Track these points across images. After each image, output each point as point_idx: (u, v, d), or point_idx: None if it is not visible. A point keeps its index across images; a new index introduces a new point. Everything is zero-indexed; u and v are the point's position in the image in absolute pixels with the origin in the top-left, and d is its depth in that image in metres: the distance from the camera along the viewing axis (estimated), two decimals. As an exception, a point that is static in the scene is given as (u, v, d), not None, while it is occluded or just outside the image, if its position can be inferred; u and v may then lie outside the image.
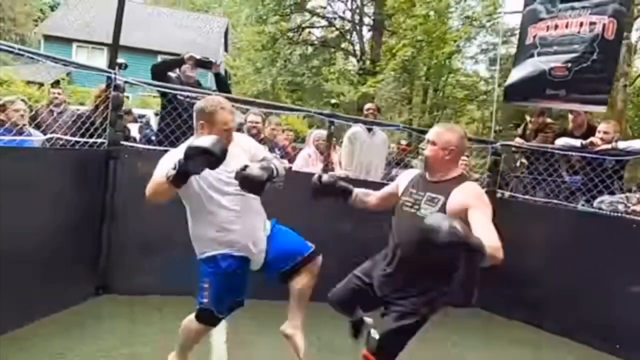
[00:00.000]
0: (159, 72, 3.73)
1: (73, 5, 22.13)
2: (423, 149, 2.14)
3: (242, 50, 22.03)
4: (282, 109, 4.15)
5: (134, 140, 4.78)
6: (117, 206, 3.35)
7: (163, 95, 3.68)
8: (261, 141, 4.17)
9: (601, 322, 3.51)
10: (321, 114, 3.88)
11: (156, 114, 6.49)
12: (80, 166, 3.14)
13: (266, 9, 18.15)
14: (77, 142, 3.22)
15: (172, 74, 3.81)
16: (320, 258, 2.27)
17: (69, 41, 19.25)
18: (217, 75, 4.05)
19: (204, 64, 3.87)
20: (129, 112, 6.08)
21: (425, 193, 2.04)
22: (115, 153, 3.34)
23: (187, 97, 3.52)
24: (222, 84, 4.12)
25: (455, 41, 13.60)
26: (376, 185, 4.15)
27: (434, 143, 2.03)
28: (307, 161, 4.39)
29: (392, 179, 4.40)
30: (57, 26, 20.08)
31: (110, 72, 3.29)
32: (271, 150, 4.17)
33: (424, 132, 4.71)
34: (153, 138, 4.04)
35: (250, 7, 19.69)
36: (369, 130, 4.30)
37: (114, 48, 3.65)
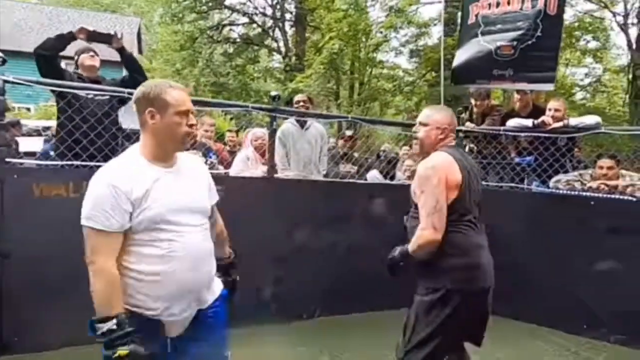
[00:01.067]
0: (47, 54, 2.94)
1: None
2: (416, 132, 2.09)
3: (158, 52, 20.67)
4: (217, 105, 3.58)
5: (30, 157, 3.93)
6: (8, 241, 2.60)
7: (59, 95, 2.92)
8: (192, 146, 3.58)
9: (565, 304, 3.42)
10: (261, 108, 3.37)
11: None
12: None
13: (181, 7, 17.15)
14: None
15: (67, 69, 3.07)
16: None
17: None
18: (122, 54, 3.22)
19: (100, 37, 3.08)
20: (15, 124, 5.08)
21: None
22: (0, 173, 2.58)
23: (90, 95, 2.84)
24: (134, 64, 3.31)
25: (381, 32, 13.65)
26: (324, 184, 3.85)
27: (425, 124, 2.04)
28: (246, 164, 3.86)
29: (343, 177, 4.04)
30: None
31: (-20, 70, 2.53)
32: (205, 155, 3.59)
33: (373, 122, 4.48)
34: (52, 153, 3.19)
35: (163, 5, 18.50)
36: (302, 125, 3.87)
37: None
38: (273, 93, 3.42)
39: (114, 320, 1.37)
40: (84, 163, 2.82)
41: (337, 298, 3.62)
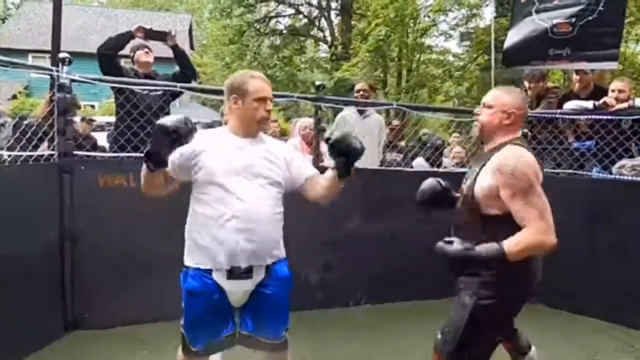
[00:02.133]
0: (108, 53, 3.16)
1: (25, 15, 20.96)
2: (477, 114, 1.85)
3: (208, 47, 21.33)
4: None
5: (103, 151, 4.22)
6: (78, 227, 2.83)
7: (118, 92, 3.12)
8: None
9: (629, 298, 3.22)
10: (306, 98, 3.40)
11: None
12: (26, 185, 2.60)
13: (230, 2, 17.55)
14: (19, 157, 2.68)
15: (125, 66, 3.26)
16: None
17: (24, 52, 18.22)
18: (175, 50, 3.43)
19: (156, 35, 3.29)
20: (88, 120, 5.50)
21: (472, 167, 1.83)
22: (68, 166, 2.81)
23: (146, 90, 3.00)
24: (184, 60, 3.50)
25: (429, 16, 13.26)
26: (371, 173, 3.82)
27: (490, 107, 1.80)
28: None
29: (389, 165, 4.00)
30: (11, 37, 18.98)
31: (51, 70, 2.74)
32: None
33: (419, 109, 4.39)
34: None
35: (213, 1, 19.01)
36: (361, 112, 3.86)
37: (55, 46, 3.10)
38: (317, 82, 3.43)
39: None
40: (142, 155, 3.00)
41: (383, 286, 3.62)
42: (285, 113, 14.98)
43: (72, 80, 2.79)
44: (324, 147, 3.82)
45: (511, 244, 1.59)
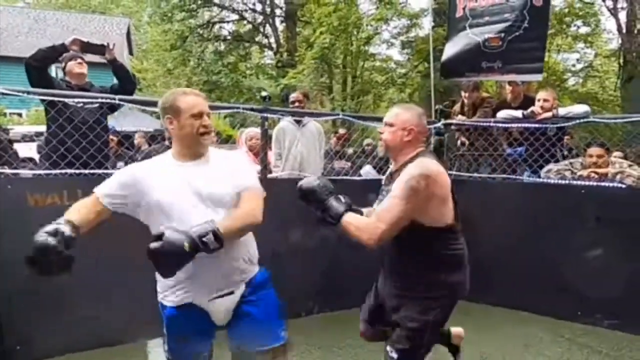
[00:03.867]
0: (38, 65, 2.95)
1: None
2: (381, 133, 1.93)
3: (148, 52, 20.56)
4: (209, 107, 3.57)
5: (31, 163, 3.92)
6: (6, 251, 2.61)
7: (49, 104, 2.92)
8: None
9: (558, 292, 3.46)
10: (252, 109, 3.38)
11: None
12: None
13: (170, 6, 17.03)
14: None
15: (54, 77, 3.06)
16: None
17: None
18: (114, 64, 3.26)
19: (94, 48, 3.12)
20: (4, 130, 5.09)
21: (388, 187, 1.86)
22: (-8, 185, 2.59)
23: (80, 104, 2.84)
24: (123, 74, 3.34)
25: (371, 25, 13.63)
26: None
27: (391, 125, 1.88)
28: (240, 166, 3.86)
29: (337, 173, 4.06)
30: None
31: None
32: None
33: (364, 119, 4.49)
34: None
35: (152, 5, 18.36)
36: (298, 122, 3.87)
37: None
38: (263, 93, 3.43)
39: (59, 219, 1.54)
40: (77, 171, 2.84)
41: (334, 294, 3.66)
42: (232, 120, 14.76)
43: (-4, 93, 2.58)
44: (271, 158, 3.82)
45: (351, 218, 1.80)
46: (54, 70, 3.29)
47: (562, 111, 3.67)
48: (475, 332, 3.05)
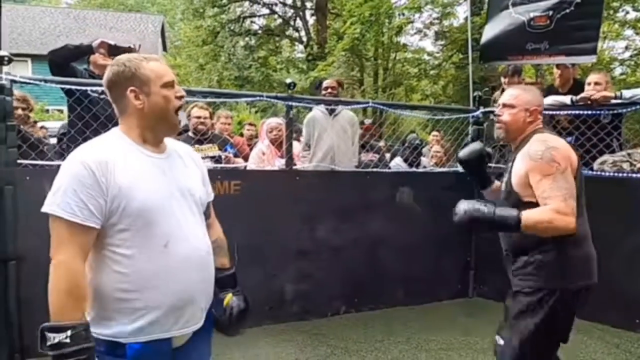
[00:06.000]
0: (60, 62, 2.87)
1: (-15, 17, 20.06)
2: (499, 115, 1.86)
3: (181, 48, 20.88)
4: (230, 96, 3.44)
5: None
6: (24, 244, 2.55)
7: (68, 94, 2.85)
8: (209, 139, 3.47)
9: (614, 297, 3.10)
10: (276, 97, 3.20)
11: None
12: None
13: (202, 2, 17.19)
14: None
15: (78, 67, 2.99)
16: None
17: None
18: None
19: (120, 51, 3.03)
20: (31, 124, 5.12)
21: (508, 165, 1.86)
22: (10, 177, 2.53)
23: (102, 92, 2.73)
24: None
25: (404, 14, 13.22)
26: (347, 175, 3.67)
27: (512, 106, 1.83)
28: (261, 160, 3.70)
29: (365, 166, 3.84)
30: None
31: (-14, 71, 2.46)
32: (221, 148, 3.47)
33: (395, 107, 4.22)
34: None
35: (185, 1, 18.59)
36: (331, 112, 3.67)
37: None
38: (288, 80, 3.23)
39: (68, 332, 1.12)
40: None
41: (362, 293, 3.46)
42: (264, 114, 14.72)
43: (13, 82, 2.51)
44: (296, 149, 3.63)
45: (528, 216, 1.61)
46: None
47: (627, 93, 3.24)
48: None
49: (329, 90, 3.87)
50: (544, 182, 1.64)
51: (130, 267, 1.22)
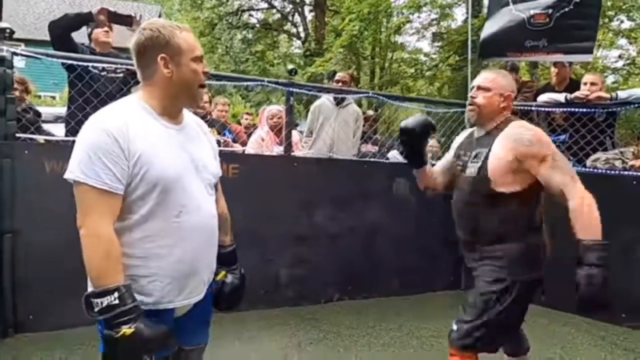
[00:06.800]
0: (60, 32, 2.84)
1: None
2: (473, 97, 1.79)
3: (178, 39, 20.70)
4: (232, 79, 3.43)
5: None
6: (20, 219, 2.54)
7: (69, 69, 2.83)
8: (208, 123, 3.46)
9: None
10: (277, 83, 3.21)
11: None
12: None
13: (200, -7, 17.10)
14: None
15: (79, 44, 2.97)
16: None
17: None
18: None
19: (120, 19, 3.00)
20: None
21: (472, 151, 1.82)
22: (8, 149, 2.52)
23: (102, 69, 2.74)
24: None
25: (402, 13, 13.27)
26: (345, 164, 3.71)
27: (487, 89, 1.77)
28: (260, 146, 3.71)
29: (364, 156, 3.87)
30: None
31: (-13, 42, 2.44)
32: (220, 132, 3.47)
33: (394, 98, 4.26)
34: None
35: (183, -8, 18.50)
36: (338, 103, 3.71)
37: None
38: (290, 67, 3.25)
39: (115, 294, 1.15)
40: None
41: (356, 281, 3.49)
42: (259, 108, 14.71)
43: (14, 54, 2.50)
44: (295, 137, 3.65)
45: (590, 227, 1.63)
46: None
47: (622, 94, 3.31)
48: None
49: (341, 83, 3.95)
50: (547, 164, 1.63)
51: (139, 234, 1.23)
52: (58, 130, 5.36)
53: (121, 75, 3.07)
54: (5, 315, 2.55)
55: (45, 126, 4.87)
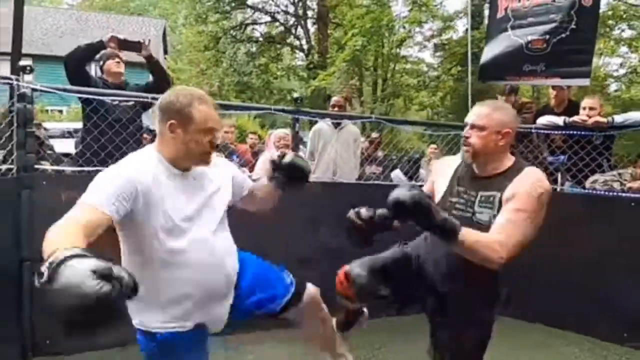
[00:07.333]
0: (75, 66, 2.99)
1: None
2: (467, 137, 1.62)
3: (183, 52, 21.00)
4: (240, 108, 3.55)
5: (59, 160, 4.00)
6: (39, 246, 2.64)
7: (85, 102, 2.97)
8: (218, 149, 3.59)
9: (602, 311, 3.25)
10: (283, 110, 3.32)
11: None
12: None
13: (205, 8, 17.36)
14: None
15: (92, 75, 3.10)
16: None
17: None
18: (149, 61, 3.25)
19: (130, 45, 3.15)
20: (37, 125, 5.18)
21: (477, 193, 1.62)
22: (28, 181, 2.63)
23: (115, 102, 2.86)
24: (159, 71, 3.35)
25: (404, 27, 13.45)
26: (350, 187, 3.80)
27: (482, 128, 1.58)
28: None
29: (367, 178, 3.96)
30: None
31: (10, 80, 2.57)
32: (228, 157, 3.58)
33: (397, 122, 4.37)
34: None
35: (187, 7, 18.77)
36: (336, 125, 3.82)
37: (16, 52, 2.91)
38: (295, 95, 3.38)
39: (57, 252, 0.99)
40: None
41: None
42: (262, 121, 14.85)
43: (34, 90, 2.62)
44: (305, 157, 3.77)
45: (470, 233, 1.45)
46: (93, 69, 3.40)
47: (618, 118, 3.41)
48: (512, 349, 2.90)
49: (337, 107, 4.07)
50: (516, 215, 1.49)
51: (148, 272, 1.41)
52: (65, 146, 5.51)
53: (131, 103, 3.17)
54: (25, 339, 2.64)
55: (52, 141, 5.00)
